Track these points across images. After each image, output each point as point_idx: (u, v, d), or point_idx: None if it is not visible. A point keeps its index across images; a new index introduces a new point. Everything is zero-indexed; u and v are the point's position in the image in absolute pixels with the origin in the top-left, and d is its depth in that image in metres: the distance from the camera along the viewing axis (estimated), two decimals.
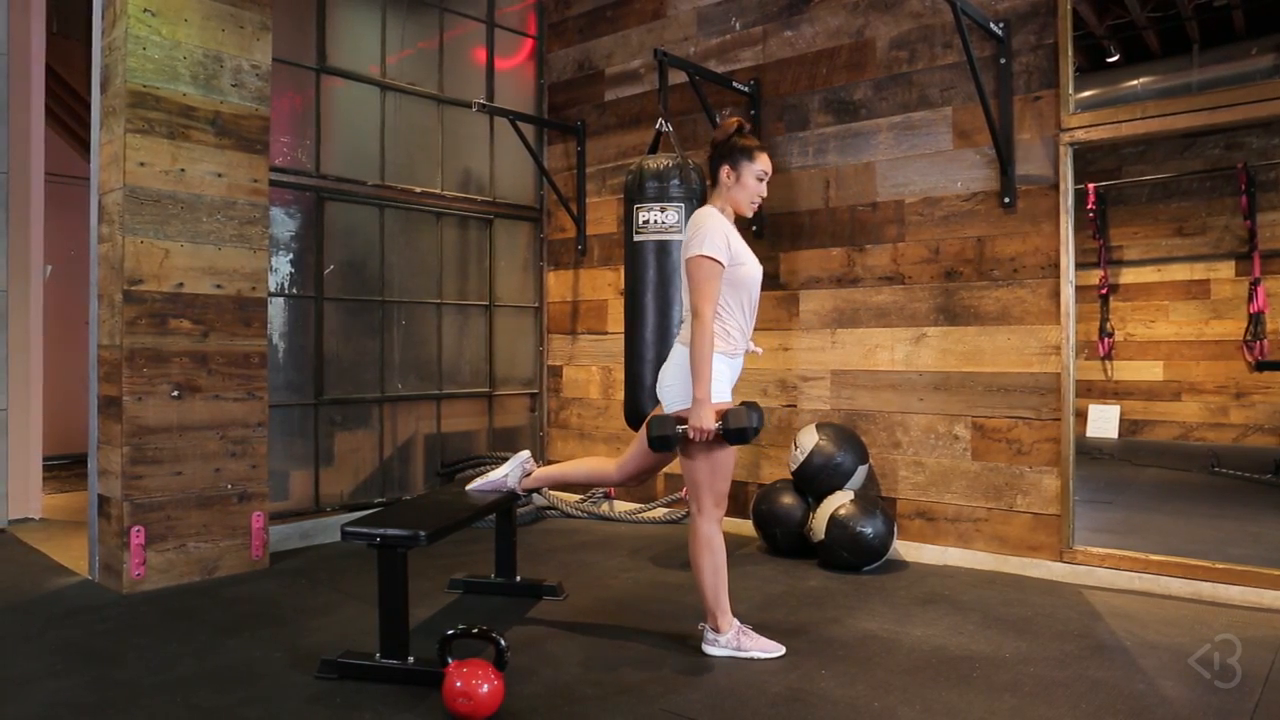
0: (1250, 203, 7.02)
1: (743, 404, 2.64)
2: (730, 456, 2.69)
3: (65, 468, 6.33)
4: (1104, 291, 7.88)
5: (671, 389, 2.70)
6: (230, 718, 2.31)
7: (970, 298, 3.87)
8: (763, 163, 2.76)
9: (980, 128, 3.79)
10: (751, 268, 2.73)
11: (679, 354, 2.70)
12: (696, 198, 3.95)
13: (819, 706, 2.39)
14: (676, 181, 3.91)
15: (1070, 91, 3.61)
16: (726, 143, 2.76)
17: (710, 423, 2.59)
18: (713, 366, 2.62)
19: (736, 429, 2.58)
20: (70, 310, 6.35)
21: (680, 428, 2.64)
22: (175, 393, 3.54)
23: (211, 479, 3.63)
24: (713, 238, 2.62)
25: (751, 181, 2.75)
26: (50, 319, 5.22)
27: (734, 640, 2.71)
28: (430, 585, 3.53)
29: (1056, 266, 3.64)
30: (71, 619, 3.12)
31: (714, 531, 2.71)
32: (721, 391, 2.66)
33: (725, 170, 2.76)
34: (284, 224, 4.36)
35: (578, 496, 5.13)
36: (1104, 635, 2.95)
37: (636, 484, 3.01)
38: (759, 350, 2.89)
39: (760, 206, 4.44)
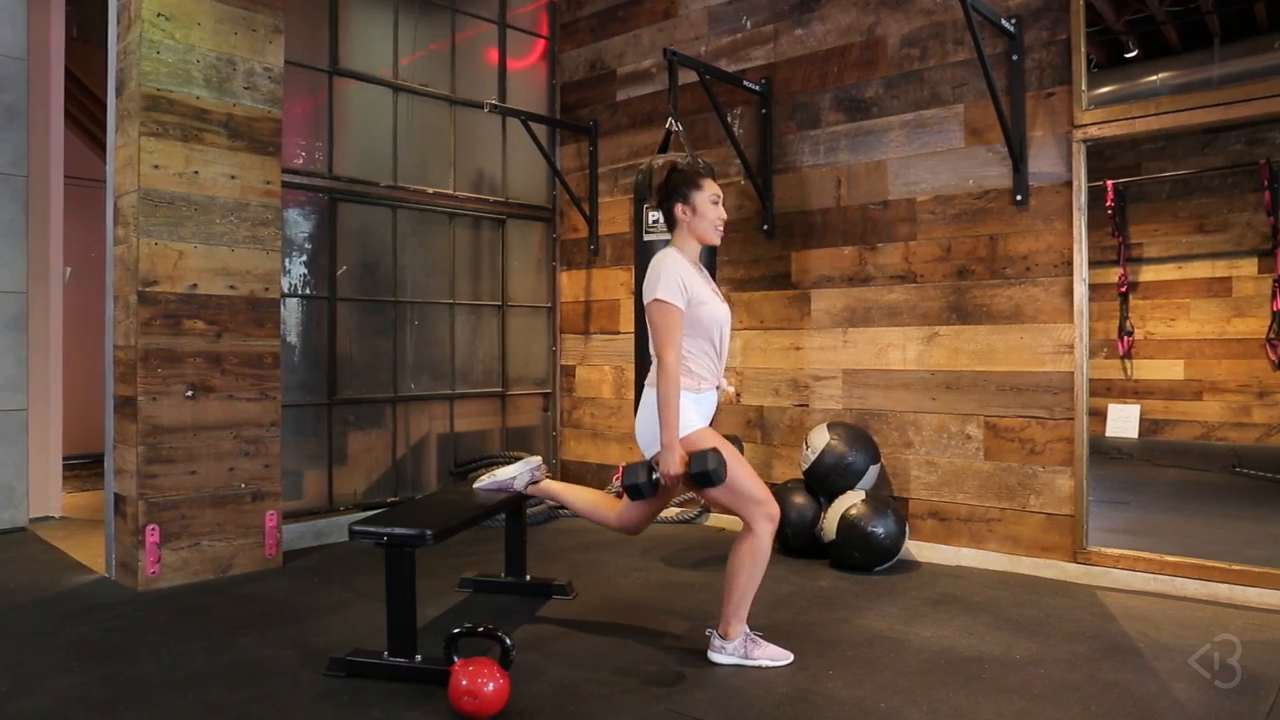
0: (1273, 199, 6.92)
1: (712, 450, 2.56)
2: (740, 465, 2.63)
3: (85, 467, 6.42)
4: (1123, 289, 7.79)
5: (645, 433, 2.69)
6: (239, 714, 2.34)
7: (982, 296, 3.84)
8: (711, 188, 2.75)
9: (992, 125, 3.75)
10: (712, 308, 2.68)
11: (649, 397, 2.67)
12: None
13: (825, 707, 2.38)
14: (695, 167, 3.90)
15: (1083, 88, 3.57)
16: (668, 183, 2.76)
17: (676, 468, 2.56)
18: (679, 405, 2.60)
19: (699, 473, 2.52)
20: (90, 311, 6.42)
21: (655, 475, 2.62)
22: (189, 393, 3.58)
23: (225, 478, 3.67)
24: (668, 281, 2.60)
25: (708, 208, 2.73)
26: (70, 320, 5.29)
27: (741, 648, 2.69)
28: (441, 584, 3.55)
29: (1070, 264, 3.60)
30: (87, 616, 3.16)
31: (767, 542, 2.64)
32: (692, 420, 2.63)
33: (679, 208, 2.73)
34: (297, 225, 4.39)
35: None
36: (1117, 637, 2.92)
37: (633, 532, 3.00)
38: (730, 389, 2.87)
39: (771, 205, 4.48)
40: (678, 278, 2.62)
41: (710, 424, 2.75)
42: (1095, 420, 7.65)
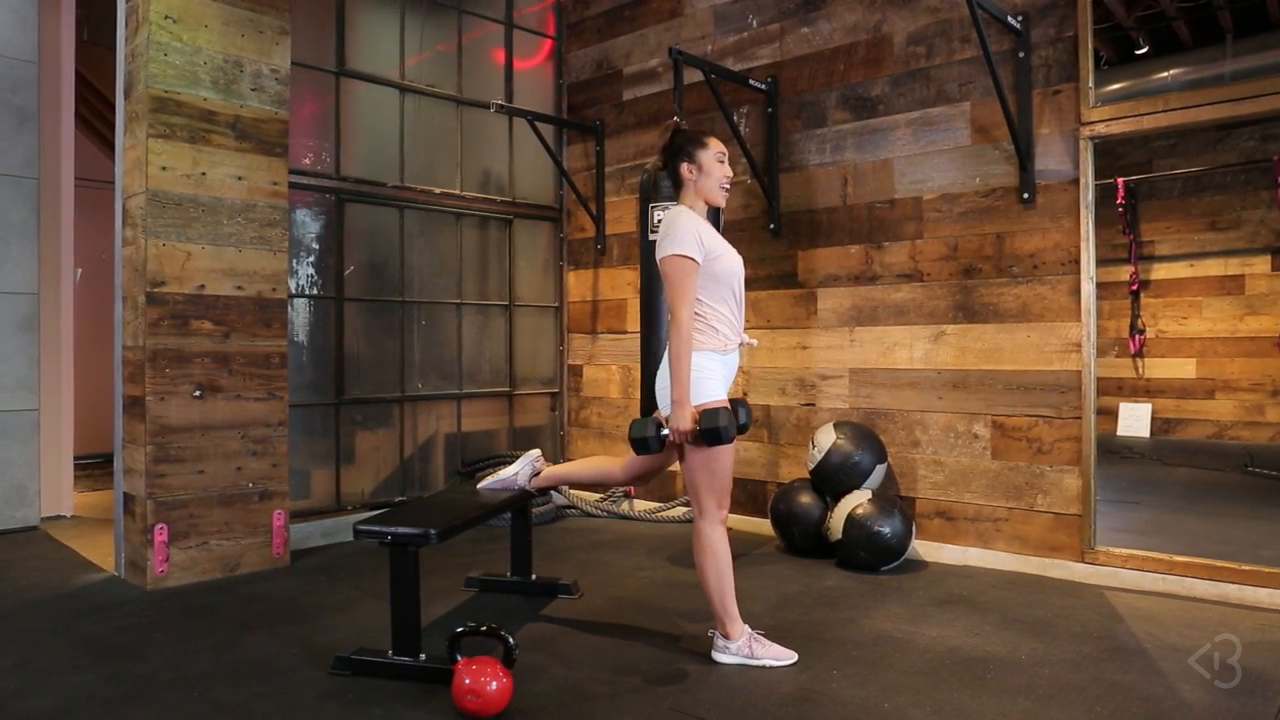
0: None
1: (731, 402, 2.62)
2: (726, 456, 2.63)
3: (97, 466, 6.46)
4: (1135, 288, 7.73)
5: (663, 391, 2.68)
6: (244, 712, 2.35)
7: (989, 295, 3.82)
8: (715, 146, 2.75)
9: (999, 123, 3.74)
10: (728, 259, 2.68)
11: (668, 356, 2.69)
12: None
13: (829, 707, 2.38)
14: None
15: (1090, 85, 3.55)
16: (674, 142, 2.77)
17: (687, 424, 2.55)
18: (704, 365, 2.60)
19: (709, 429, 2.52)
20: (101, 312, 6.46)
21: (663, 431, 2.62)
22: (197, 393, 3.60)
23: (233, 478, 3.69)
24: (683, 236, 2.60)
25: (714, 165, 2.73)
26: (81, 321, 5.33)
27: (745, 647, 2.68)
28: (447, 583, 3.56)
29: (1077, 263, 3.58)
30: (96, 614, 3.18)
31: (718, 535, 2.66)
32: (715, 390, 2.62)
33: (685, 167, 2.74)
34: (304, 226, 4.41)
35: (597, 495, 5.14)
36: (1124, 637, 2.90)
37: (643, 484, 3.00)
38: (754, 342, 2.84)
39: (777, 204, 4.47)
40: (694, 232, 2.62)
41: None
42: (1107, 419, 7.60)
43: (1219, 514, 4.82)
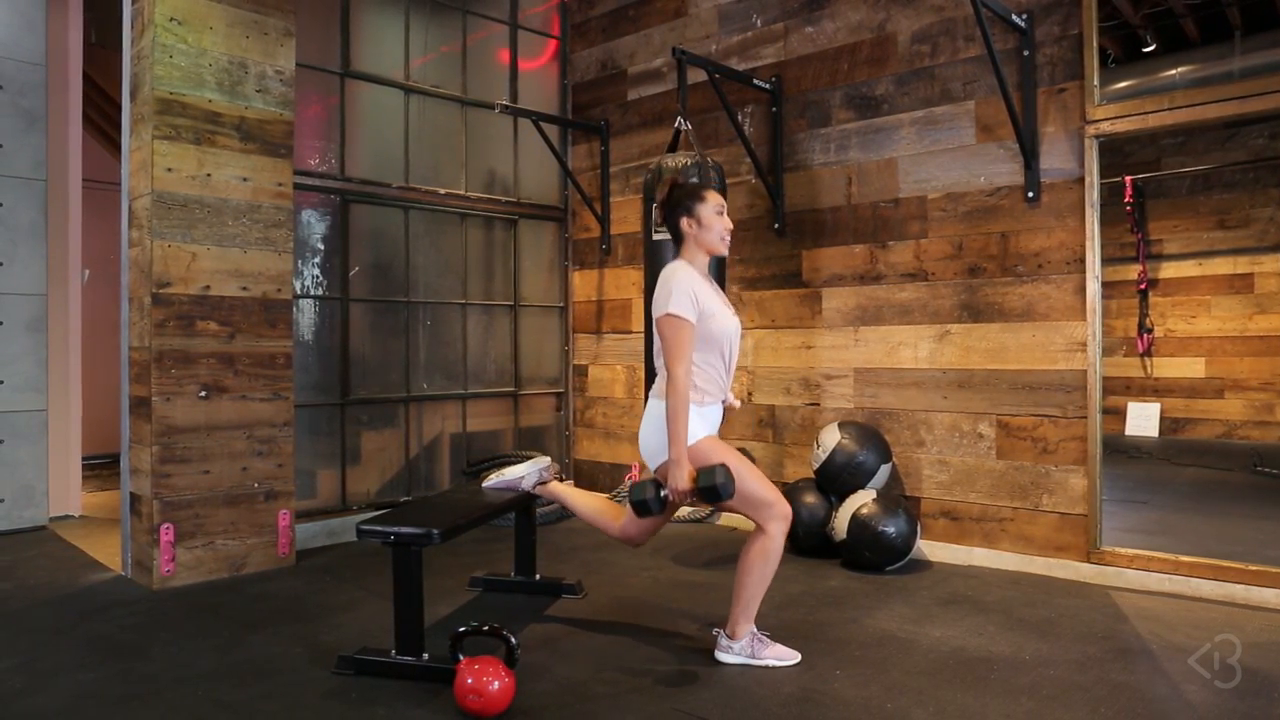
0: None
1: (720, 465, 2.58)
2: (748, 469, 2.62)
3: (105, 466, 6.50)
4: (1143, 287, 7.69)
5: (649, 445, 2.68)
6: (248, 711, 2.36)
7: (994, 294, 3.81)
8: (714, 199, 2.74)
9: (1003, 121, 3.73)
10: (722, 320, 2.68)
11: (654, 409, 2.67)
12: None
13: (831, 707, 2.37)
14: (695, 180, 3.90)
15: (1095, 83, 3.54)
16: (672, 198, 2.78)
17: (685, 483, 2.55)
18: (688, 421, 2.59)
19: (707, 487, 2.52)
20: (109, 313, 6.51)
21: (663, 492, 2.61)
22: (203, 393, 3.62)
23: (239, 478, 3.71)
24: (678, 295, 2.60)
25: (713, 219, 2.73)
26: (89, 322, 5.36)
27: (749, 647, 2.68)
28: (452, 583, 3.57)
29: (1082, 261, 3.57)
30: (103, 613, 3.20)
31: (779, 542, 2.64)
32: (694, 433, 2.61)
33: (685, 222, 2.74)
34: (309, 226, 4.43)
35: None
36: (1129, 638, 2.89)
37: (634, 544, 2.96)
38: (736, 403, 2.85)
39: (782, 204, 4.47)
40: (689, 291, 2.62)
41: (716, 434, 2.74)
42: (1115, 419, 7.56)
43: (1226, 514, 4.79)
